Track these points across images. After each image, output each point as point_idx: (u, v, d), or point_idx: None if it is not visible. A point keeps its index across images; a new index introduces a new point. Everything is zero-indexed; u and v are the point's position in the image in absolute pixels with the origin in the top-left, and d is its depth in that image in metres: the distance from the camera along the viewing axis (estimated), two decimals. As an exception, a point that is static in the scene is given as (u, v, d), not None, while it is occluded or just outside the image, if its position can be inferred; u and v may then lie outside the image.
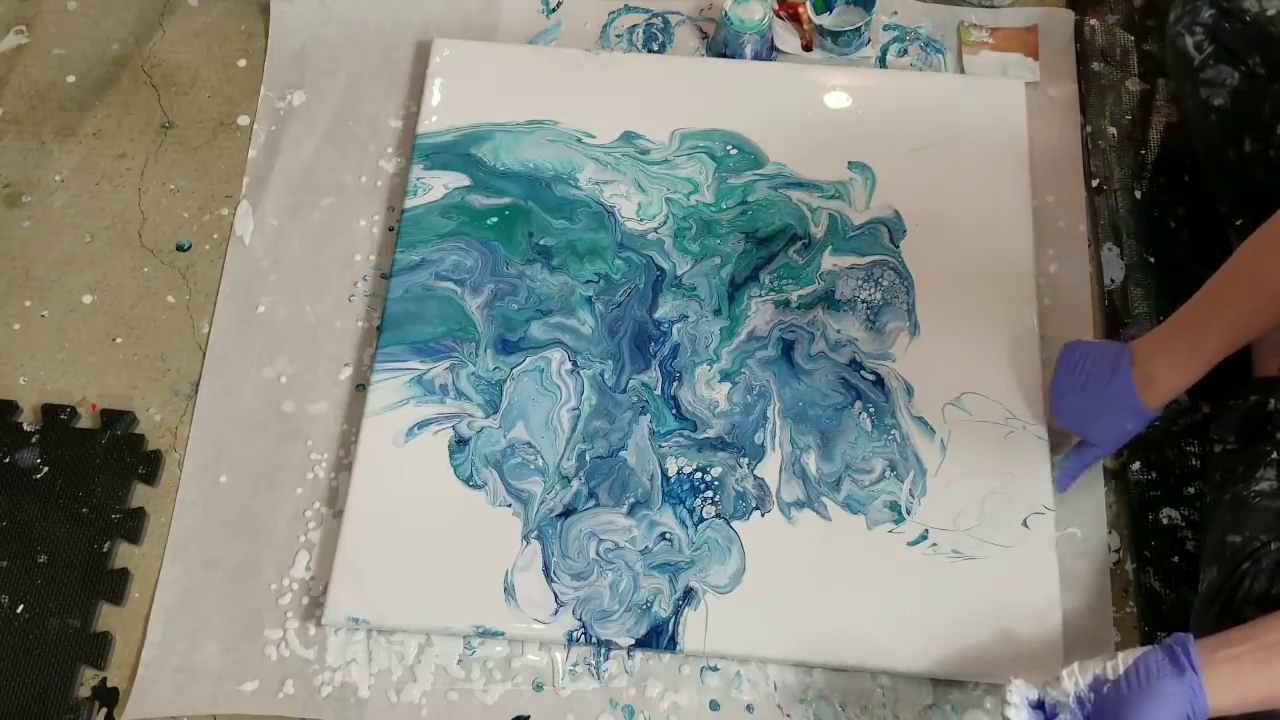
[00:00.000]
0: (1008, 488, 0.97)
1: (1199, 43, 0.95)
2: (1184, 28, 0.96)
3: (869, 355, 1.02)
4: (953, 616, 0.92)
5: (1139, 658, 0.72)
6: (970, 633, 0.92)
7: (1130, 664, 0.72)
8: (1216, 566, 0.82)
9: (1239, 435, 0.91)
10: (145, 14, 1.25)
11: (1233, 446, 0.90)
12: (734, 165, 1.11)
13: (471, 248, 1.07)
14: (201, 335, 1.09)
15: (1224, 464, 0.90)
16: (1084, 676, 0.73)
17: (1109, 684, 0.72)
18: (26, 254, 1.14)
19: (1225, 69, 0.93)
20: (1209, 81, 0.94)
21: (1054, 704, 0.73)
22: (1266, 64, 0.91)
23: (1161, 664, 0.71)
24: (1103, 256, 1.08)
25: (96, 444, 1.03)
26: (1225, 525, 0.84)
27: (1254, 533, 0.81)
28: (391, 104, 1.18)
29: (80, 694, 0.95)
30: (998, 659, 0.91)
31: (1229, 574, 0.81)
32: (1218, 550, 0.83)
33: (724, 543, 0.95)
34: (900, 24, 1.21)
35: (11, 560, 0.99)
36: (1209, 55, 0.94)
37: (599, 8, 1.23)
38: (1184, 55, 0.96)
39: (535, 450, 0.99)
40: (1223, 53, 0.93)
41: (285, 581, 0.98)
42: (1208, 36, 0.94)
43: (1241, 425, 0.91)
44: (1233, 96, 0.93)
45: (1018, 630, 0.92)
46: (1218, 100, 0.94)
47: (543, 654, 0.95)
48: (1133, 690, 0.70)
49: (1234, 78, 0.93)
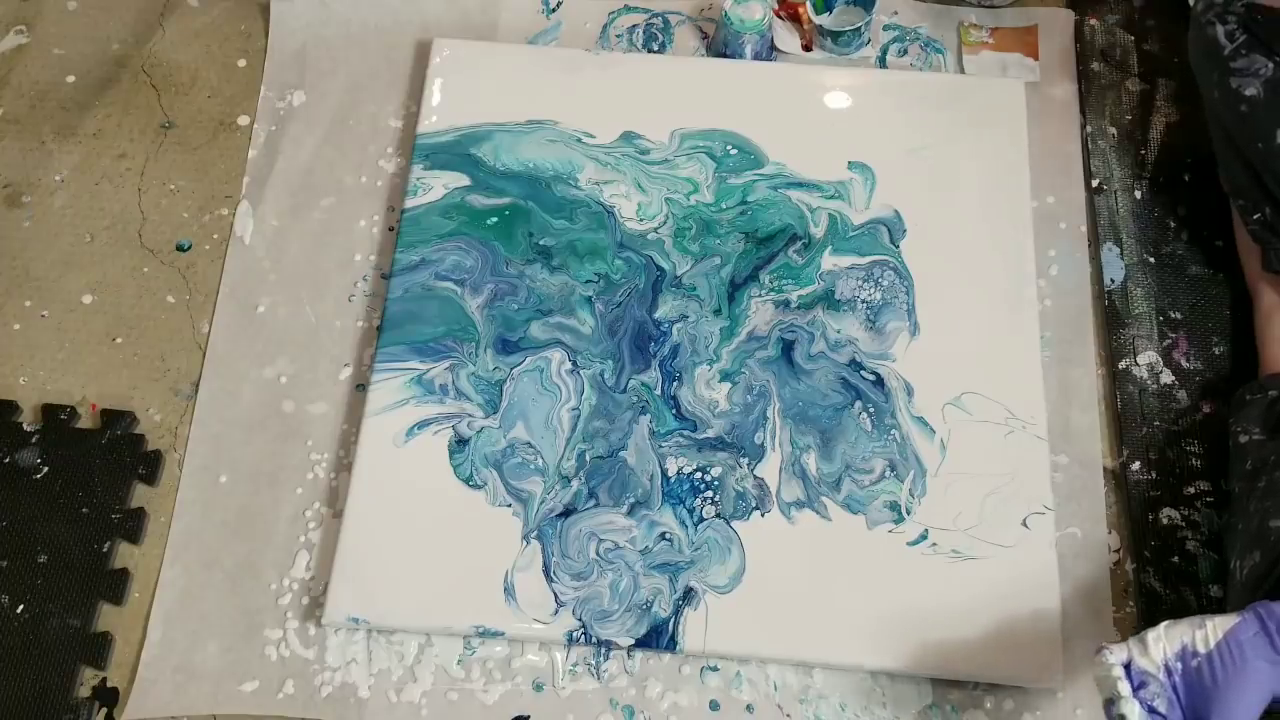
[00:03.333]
0: (1008, 488, 0.97)
1: (1230, 31, 0.94)
2: (1215, 16, 0.95)
3: (869, 355, 1.02)
4: (953, 616, 0.92)
5: (1231, 632, 0.69)
6: (970, 633, 0.92)
7: (1222, 639, 0.69)
8: (1260, 552, 0.82)
9: (1263, 428, 0.91)
10: (145, 14, 1.25)
11: (1260, 437, 0.90)
12: (734, 165, 1.11)
13: (471, 248, 1.07)
14: (201, 335, 1.09)
15: (1255, 452, 0.90)
16: (1171, 644, 0.70)
17: (1198, 657, 0.69)
18: (26, 254, 1.14)
19: (1259, 58, 0.92)
20: (1240, 71, 0.93)
21: (1142, 672, 0.70)
22: None
23: (1257, 644, 0.68)
24: (1103, 256, 1.08)
25: (96, 444, 1.03)
26: (1264, 511, 0.84)
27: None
28: (391, 104, 1.18)
29: (80, 694, 0.95)
30: (998, 659, 0.91)
31: (1276, 557, 0.80)
32: (1259, 536, 0.83)
33: (724, 543, 0.95)
34: (900, 24, 1.21)
35: (11, 560, 0.99)
36: (1241, 44, 0.93)
37: (599, 8, 1.23)
38: (1214, 44, 0.95)
39: (535, 450, 0.99)
40: (1256, 42, 0.93)
41: (285, 581, 0.98)
42: (1239, 26, 0.94)
43: (1265, 419, 0.91)
44: (1266, 87, 0.92)
45: (1018, 630, 0.92)
46: (1250, 90, 0.93)
47: (543, 654, 0.95)
48: (1226, 667, 0.68)
49: (1268, 68, 0.92)
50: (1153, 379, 1.03)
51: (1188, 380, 1.02)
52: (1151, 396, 1.02)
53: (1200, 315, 1.05)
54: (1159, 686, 0.69)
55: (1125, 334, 1.04)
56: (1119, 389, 1.02)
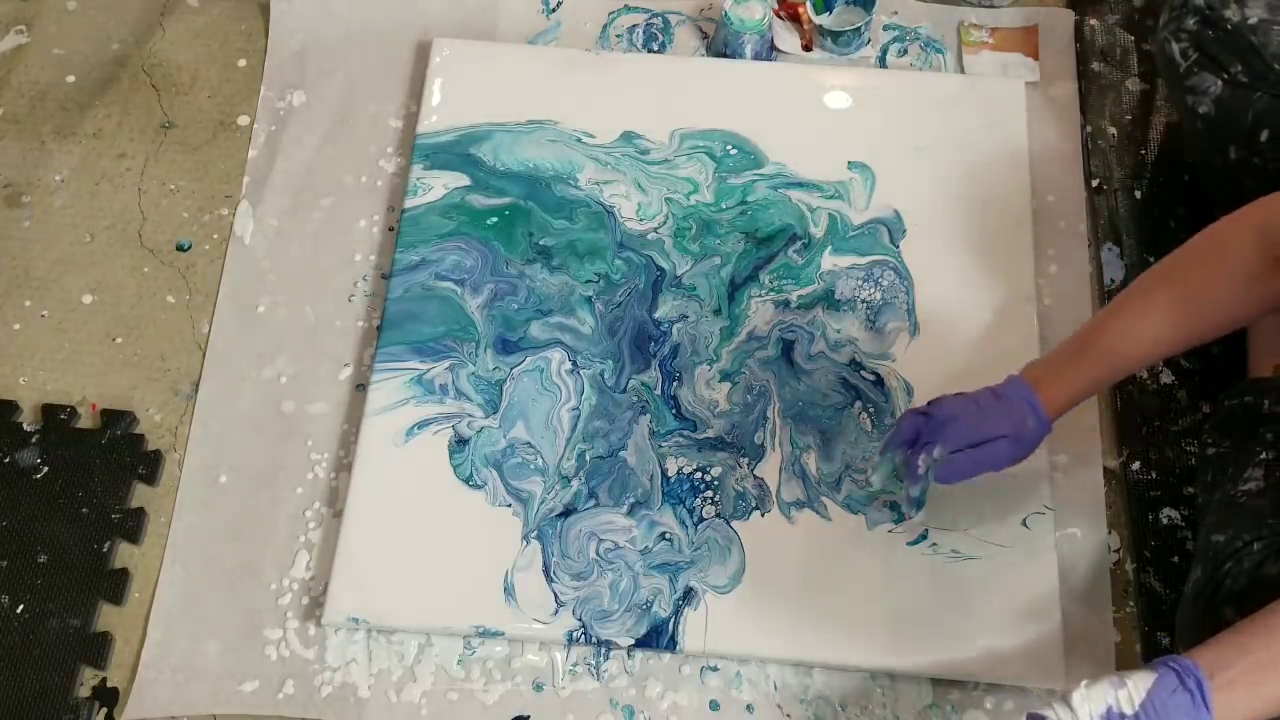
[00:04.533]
0: (1008, 488, 0.96)
1: (1184, 50, 0.95)
2: (1170, 34, 0.96)
3: (869, 355, 1.02)
4: (952, 616, 0.92)
5: (1152, 692, 0.69)
6: (970, 633, 0.92)
7: (1145, 698, 0.69)
8: (1201, 566, 0.82)
9: (1231, 436, 0.91)
10: (145, 14, 1.25)
11: (1225, 449, 0.90)
12: (734, 165, 1.11)
13: (471, 248, 1.07)
14: (201, 335, 1.09)
15: (1215, 465, 0.90)
16: (1096, 705, 0.69)
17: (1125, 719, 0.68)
18: (26, 254, 1.14)
19: (1209, 77, 0.93)
20: (1194, 89, 0.94)
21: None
22: (1248, 72, 0.91)
23: (1179, 701, 0.68)
24: (1103, 256, 1.08)
25: (96, 444, 1.03)
26: (1211, 525, 0.84)
27: (1237, 532, 0.80)
28: (391, 104, 1.18)
29: (80, 694, 0.95)
30: (997, 659, 0.91)
31: (1211, 573, 0.80)
32: (1204, 549, 0.83)
33: (724, 543, 0.95)
34: (900, 24, 1.21)
35: (11, 560, 0.99)
36: (1193, 63, 0.94)
37: (599, 8, 1.23)
38: (1171, 61, 0.96)
39: (535, 450, 0.99)
40: (1206, 60, 0.93)
41: (285, 581, 0.98)
42: (1192, 44, 0.94)
43: (1233, 425, 0.91)
44: (1216, 104, 0.93)
45: (1018, 630, 0.92)
46: (1203, 108, 0.94)
47: (543, 654, 0.95)
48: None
49: (1217, 85, 0.93)
50: (1153, 379, 1.03)
51: (1188, 380, 1.02)
52: (1151, 396, 1.02)
53: (1200, 315, 1.05)
54: None
55: (1125, 334, 1.04)
56: (1119, 389, 1.02)
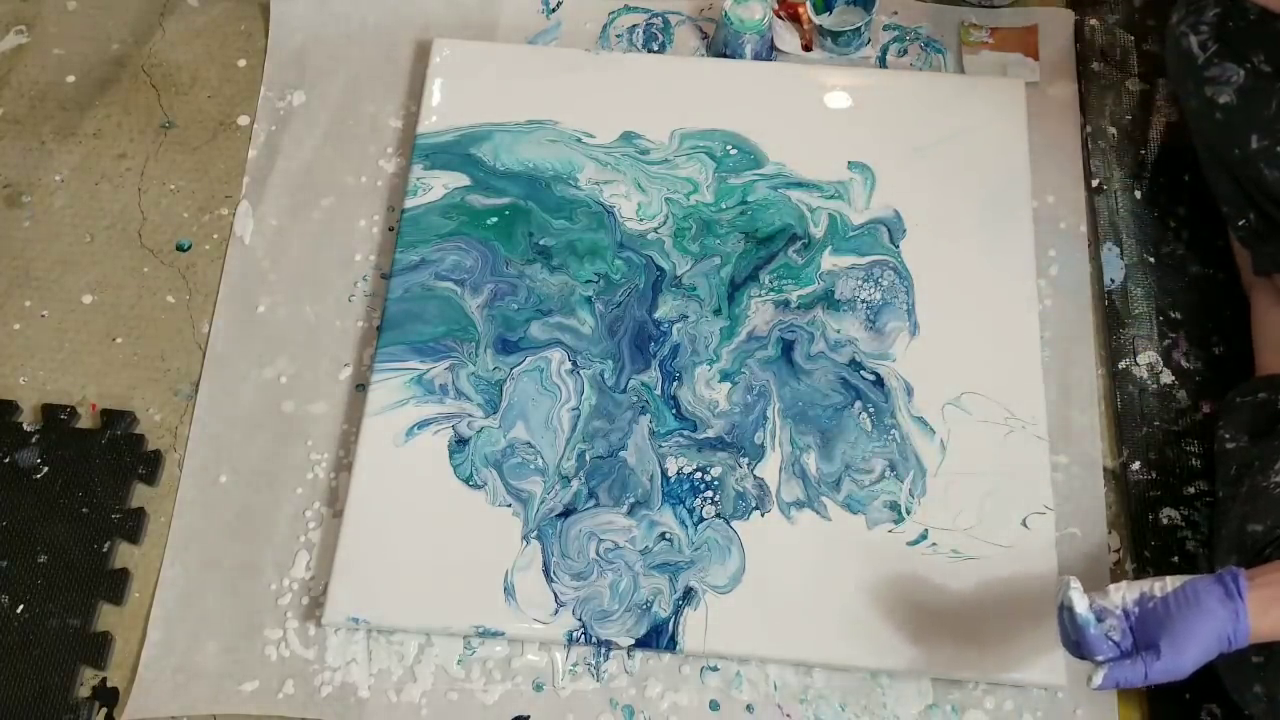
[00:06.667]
0: (1007, 488, 0.97)
1: (1203, 41, 0.95)
2: (1188, 27, 0.96)
3: (869, 355, 1.02)
4: (952, 616, 0.92)
5: (1188, 581, 0.74)
6: (970, 633, 0.92)
7: (1179, 585, 0.74)
8: (1236, 556, 0.84)
9: (1249, 432, 0.92)
10: (145, 14, 1.25)
11: (1245, 444, 0.91)
12: (734, 165, 1.11)
13: (471, 248, 1.07)
14: (201, 335, 1.09)
15: (1239, 458, 0.91)
16: (1131, 592, 0.75)
17: (1154, 600, 0.74)
18: (26, 254, 1.14)
19: (1231, 66, 0.93)
20: (1214, 79, 0.94)
21: (1101, 608, 0.75)
22: (1271, 61, 0.92)
23: (1211, 588, 0.73)
24: (1103, 256, 1.08)
25: (96, 444, 1.03)
26: (1244, 515, 0.86)
27: (1275, 522, 0.83)
28: (391, 104, 1.18)
29: (80, 694, 0.95)
30: (997, 659, 0.91)
31: (1250, 561, 0.82)
32: (1237, 539, 0.85)
33: (724, 543, 0.95)
34: (900, 24, 1.20)
35: (11, 560, 0.99)
36: (1214, 54, 0.94)
37: (599, 8, 1.23)
38: (1188, 54, 0.96)
39: (535, 450, 0.99)
40: (1227, 50, 0.94)
41: (285, 581, 0.98)
42: (1212, 35, 0.95)
43: (1252, 422, 0.92)
44: (1239, 94, 0.93)
45: (1017, 630, 0.92)
46: (1223, 98, 0.94)
47: (543, 654, 0.95)
48: (1179, 607, 0.73)
49: (1239, 75, 0.93)
50: (1153, 379, 1.03)
51: (1188, 380, 1.02)
52: (1151, 396, 1.02)
53: (1200, 315, 1.05)
54: (1116, 620, 0.74)
55: (1125, 334, 1.04)
56: (1119, 389, 1.02)
